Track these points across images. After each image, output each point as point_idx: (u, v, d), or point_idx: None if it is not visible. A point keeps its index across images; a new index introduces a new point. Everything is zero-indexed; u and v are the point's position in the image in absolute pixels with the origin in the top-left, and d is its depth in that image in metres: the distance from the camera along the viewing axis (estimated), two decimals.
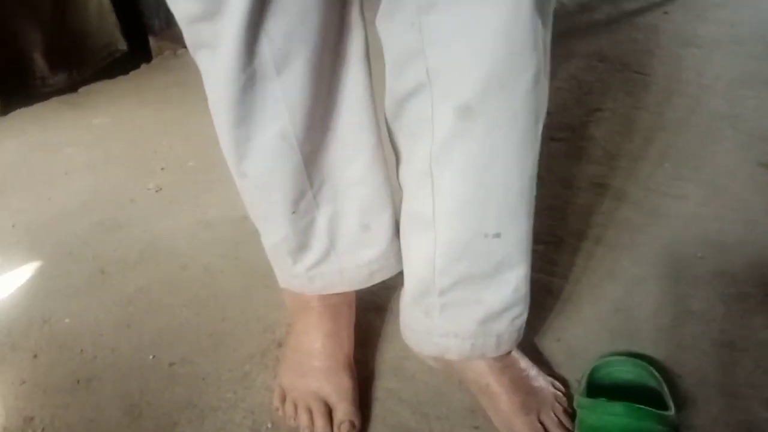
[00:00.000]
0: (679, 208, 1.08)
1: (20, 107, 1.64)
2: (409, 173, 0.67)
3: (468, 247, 0.65)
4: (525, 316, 0.72)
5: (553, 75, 1.64)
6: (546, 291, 0.90)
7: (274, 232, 0.73)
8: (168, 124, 1.49)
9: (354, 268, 0.76)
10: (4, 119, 1.59)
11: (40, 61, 1.71)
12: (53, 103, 1.65)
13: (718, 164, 1.20)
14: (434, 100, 0.59)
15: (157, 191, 1.23)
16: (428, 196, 0.64)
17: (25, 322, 0.92)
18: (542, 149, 0.63)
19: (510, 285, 0.68)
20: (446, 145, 0.60)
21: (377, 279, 0.78)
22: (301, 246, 0.73)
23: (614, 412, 0.62)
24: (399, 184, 0.70)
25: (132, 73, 1.80)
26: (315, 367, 0.74)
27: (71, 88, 1.74)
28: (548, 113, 0.62)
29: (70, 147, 1.42)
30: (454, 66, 0.56)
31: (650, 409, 0.62)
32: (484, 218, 0.63)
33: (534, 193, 0.64)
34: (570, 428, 0.70)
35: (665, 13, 2.01)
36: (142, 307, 0.94)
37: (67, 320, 0.92)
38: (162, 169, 1.30)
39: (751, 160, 1.21)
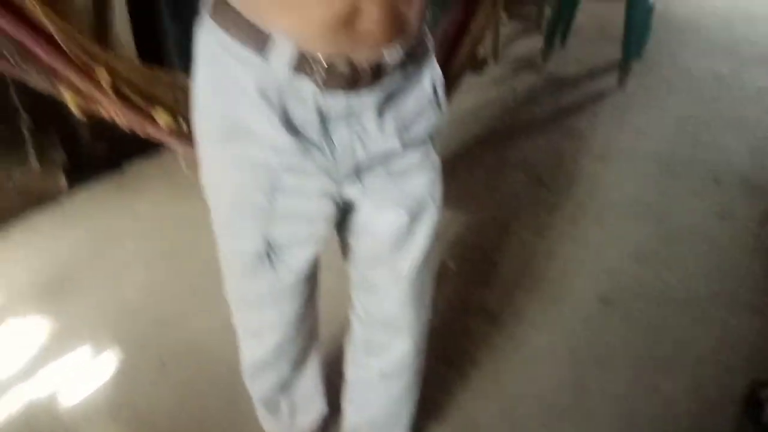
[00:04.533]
0: (531, 341, 1.66)
1: (81, 184, 2.17)
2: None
3: (375, 417, 1.26)
4: None
5: (486, 186, 2.18)
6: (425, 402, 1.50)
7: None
8: (196, 218, 2.03)
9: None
10: (72, 201, 2.13)
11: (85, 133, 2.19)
12: (107, 183, 2.19)
13: (567, 299, 1.76)
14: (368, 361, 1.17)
15: (192, 294, 1.80)
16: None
17: (118, 405, 1.52)
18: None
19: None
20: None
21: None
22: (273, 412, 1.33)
23: None
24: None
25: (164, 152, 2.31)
26: None
27: (116, 163, 2.27)
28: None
29: (128, 240, 1.97)
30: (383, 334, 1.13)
31: None
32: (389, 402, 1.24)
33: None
34: None
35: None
36: (193, 394, 1.53)
37: (145, 406, 1.52)
38: (197, 269, 1.86)
39: (595, 293, 1.78)
